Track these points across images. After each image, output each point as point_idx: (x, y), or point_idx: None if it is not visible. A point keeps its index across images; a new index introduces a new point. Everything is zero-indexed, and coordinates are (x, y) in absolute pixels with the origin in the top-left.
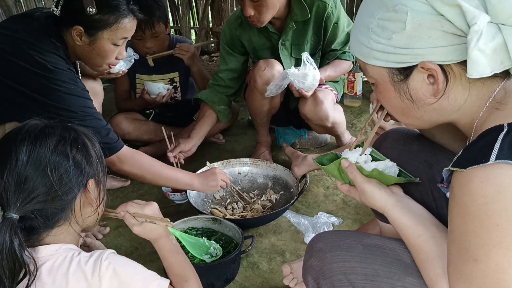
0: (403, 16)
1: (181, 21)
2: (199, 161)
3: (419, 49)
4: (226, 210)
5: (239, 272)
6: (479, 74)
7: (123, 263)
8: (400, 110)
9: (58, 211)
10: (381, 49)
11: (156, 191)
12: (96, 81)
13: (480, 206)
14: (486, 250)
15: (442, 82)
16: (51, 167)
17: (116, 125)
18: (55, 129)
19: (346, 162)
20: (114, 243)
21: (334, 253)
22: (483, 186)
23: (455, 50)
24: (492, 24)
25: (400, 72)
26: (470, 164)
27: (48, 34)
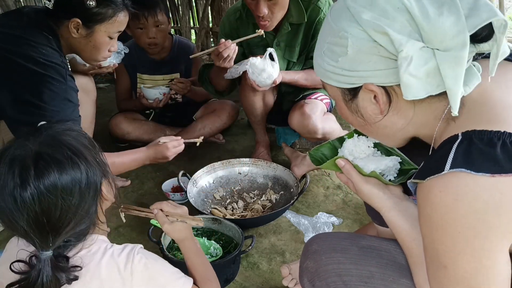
0: (345, 41)
1: (181, 21)
2: (199, 161)
3: (362, 72)
4: (226, 210)
5: (239, 272)
6: (414, 96)
7: (153, 259)
8: (357, 125)
9: (88, 227)
10: (332, 70)
11: (156, 191)
12: (88, 78)
13: (441, 215)
14: (452, 257)
15: (384, 102)
16: (64, 197)
17: (116, 125)
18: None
19: (342, 161)
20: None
21: (329, 255)
22: (441, 196)
23: (393, 73)
24: (427, 49)
25: (349, 92)
26: (428, 175)
27: (40, 28)
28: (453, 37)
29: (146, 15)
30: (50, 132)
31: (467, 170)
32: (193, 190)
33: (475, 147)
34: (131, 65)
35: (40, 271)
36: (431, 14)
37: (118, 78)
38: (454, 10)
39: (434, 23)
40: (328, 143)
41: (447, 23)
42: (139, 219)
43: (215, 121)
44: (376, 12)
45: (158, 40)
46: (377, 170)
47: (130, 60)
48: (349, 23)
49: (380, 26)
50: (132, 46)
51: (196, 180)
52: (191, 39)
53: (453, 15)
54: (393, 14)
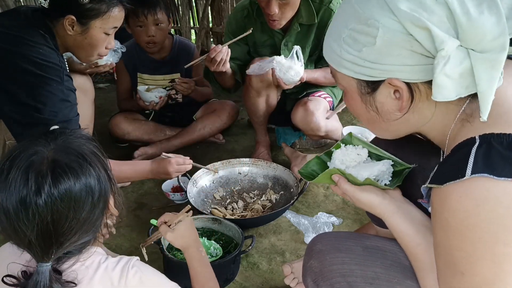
0: (374, 31)
1: (181, 21)
2: (199, 161)
3: (388, 65)
4: (226, 210)
5: (239, 272)
6: (444, 98)
7: (149, 273)
8: (366, 119)
9: (90, 240)
10: (351, 60)
11: (156, 191)
12: (86, 78)
13: (461, 221)
14: (471, 263)
15: (407, 99)
16: (76, 208)
17: (116, 125)
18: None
19: (336, 176)
20: (114, 243)
21: (334, 255)
22: (461, 201)
23: (423, 70)
24: (462, 48)
25: (368, 85)
26: (447, 180)
27: (37, 27)
28: (493, 39)
29: (146, 13)
30: (64, 138)
31: (489, 175)
32: (193, 190)
33: (495, 151)
34: (132, 65)
35: (37, 284)
36: (471, 12)
37: (118, 77)
38: (495, 10)
39: (474, 22)
40: (316, 158)
41: (488, 24)
42: (139, 219)
43: (215, 121)
44: (413, 3)
45: (157, 38)
46: (371, 177)
47: (131, 59)
48: (382, 12)
49: (420, 19)
50: (132, 45)
51: (196, 180)
52: (191, 39)
53: (494, 15)
54: (432, 7)
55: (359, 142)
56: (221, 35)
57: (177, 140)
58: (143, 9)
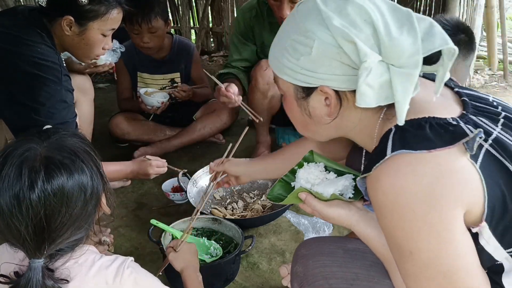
0: (311, 42)
1: (181, 21)
2: (199, 161)
3: (320, 74)
4: (226, 210)
5: (239, 272)
6: (366, 105)
7: (143, 274)
8: (300, 122)
9: (83, 237)
10: (291, 67)
11: (156, 191)
12: (85, 78)
13: (392, 199)
14: (414, 239)
15: (335, 106)
16: (69, 203)
17: (116, 125)
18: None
19: (304, 194)
20: (114, 243)
21: (316, 258)
22: (388, 179)
23: (349, 79)
24: (383, 63)
25: (303, 91)
26: (373, 165)
27: (35, 26)
28: (409, 57)
29: (140, 22)
30: (57, 137)
31: (406, 151)
32: (193, 190)
33: (408, 132)
34: (132, 64)
35: (30, 280)
36: (393, 33)
37: (118, 77)
38: (413, 32)
39: (394, 41)
40: (279, 181)
41: (406, 43)
42: (139, 219)
43: (215, 121)
44: (345, 20)
45: (152, 45)
46: (336, 192)
47: (130, 59)
48: (318, 26)
49: (349, 35)
50: (132, 45)
51: (196, 180)
52: (191, 39)
53: (411, 37)
54: (361, 26)
55: (320, 159)
56: (221, 35)
57: (177, 140)
58: (137, 17)
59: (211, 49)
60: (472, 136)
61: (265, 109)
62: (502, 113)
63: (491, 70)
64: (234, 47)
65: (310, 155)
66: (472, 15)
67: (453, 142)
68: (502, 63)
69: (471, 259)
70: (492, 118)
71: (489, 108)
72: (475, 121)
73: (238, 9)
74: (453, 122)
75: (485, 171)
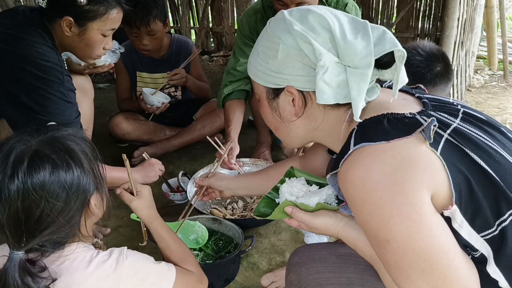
0: (276, 46)
1: (181, 21)
2: (199, 161)
3: (286, 75)
4: (226, 210)
5: (239, 272)
6: (325, 101)
7: (140, 261)
8: (273, 124)
9: (66, 237)
10: (262, 70)
11: (156, 191)
12: (85, 78)
13: (360, 189)
14: (387, 226)
15: (299, 105)
16: (49, 199)
17: (116, 125)
18: (46, 155)
19: (289, 208)
20: (114, 243)
21: (309, 265)
22: (354, 171)
23: (311, 80)
24: (340, 65)
25: (273, 92)
26: (340, 162)
27: (35, 26)
28: (362, 58)
29: (138, 25)
30: (54, 133)
31: (367, 143)
32: (193, 190)
33: (368, 128)
34: (131, 64)
35: (6, 270)
36: (348, 37)
37: (118, 77)
38: (366, 37)
39: (349, 45)
40: (264, 199)
41: (359, 46)
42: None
43: (215, 121)
44: (305, 26)
45: (150, 47)
46: (321, 201)
47: (130, 58)
48: (283, 32)
49: (307, 37)
50: (131, 45)
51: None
52: (191, 39)
53: (364, 41)
54: (319, 31)
55: (301, 173)
56: (221, 35)
57: (177, 140)
58: (135, 20)
59: (211, 49)
60: (426, 124)
61: None
62: (461, 109)
63: (491, 70)
64: (240, 51)
65: (291, 171)
66: (472, 15)
67: (410, 132)
68: (502, 63)
69: (447, 239)
70: (451, 113)
71: (449, 106)
72: (434, 115)
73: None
74: (409, 115)
75: (446, 158)
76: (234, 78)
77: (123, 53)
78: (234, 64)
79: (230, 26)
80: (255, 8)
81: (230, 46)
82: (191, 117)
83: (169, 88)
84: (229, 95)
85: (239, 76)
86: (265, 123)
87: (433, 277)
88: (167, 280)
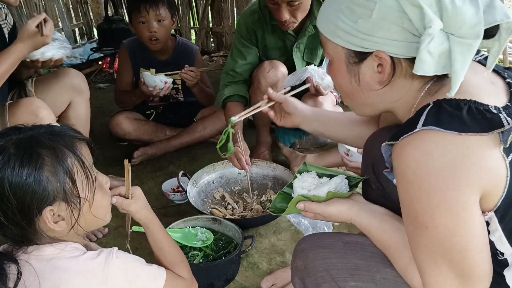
0: (371, 5)
1: (181, 21)
2: (199, 161)
3: (378, 38)
4: (226, 210)
5: (239, 272)
6: (424, 72)
7: (131, 261)
8: (346, 90)
9: (22, 236)
10: (346, 30)
11: (156, 191)
12: (80, 77)
13: (414, 171)
14: (431, 214)
15: (388, 72)
16: None
17: (117, 125)
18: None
19: (301, 204)
20: (114, 243)
21: (316, 251)
22: (413, 152)
23: (408, 46)
24: (443, 32)
25: (356, 55)
26: (402, 135)
27: None
28: (471, 27)
29: (147, 8)
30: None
31: (436, 128)
32: (193, 190)
33: (444, 110)
34: (136, 60)
35: None
36: (456, 1)
37: (120, 71)
38: (475, 3)
39: (457, 10)
40: (280, 194)
41: (468, 13)
42: None
43: (215, 123)
44: None
45: (159, 34)
46: (331, 190)
47: (134, 56)
48: None
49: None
50: (136, 44)
51: (196, 180)
52: (191, 39)
53: (473, 7)
54: None
55: (313, 167)
56: (221, 35)
57: (177, 141)
58: (145, 4)
59: (211, 49)
60: (508, 128)
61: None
62: None
63: None
64: (238, 52)
65: (304, 166)
66: None
67: (487, 130)
68: (502, 63)
69: (484, 241)
70: None
71: None
72: None
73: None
74: (494, 110)
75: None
76: (233, 79)
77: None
78: (233, 65)
79: (230, 26)
80: (252, 8)
81: (230, 46)
82: (192, 118)
83: (172, 90)
84: (230, 96)
85: (238, 78)
86: (337, 86)
87: (458, 268)
88: (156, 282)
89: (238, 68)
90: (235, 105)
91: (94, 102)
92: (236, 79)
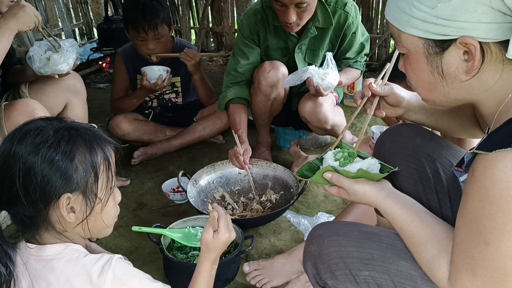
0: None
1: (181, 21)
2: (199, 161)
3: (462, 23)
4: (226, 210)
5: (239, 272)
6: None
7: (130, 272)
8: (427, 84)
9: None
10: (422, 18)
11: (156, 191)
12: (76, 78)
13: (501, 190)
14: (499, 235)
15: (478, 60)
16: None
17: (116, 125)
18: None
19: (329, 173)
20: (114, 243)
21: (332, 238)
22: (506, 171)
23: (498, 28)
24: None
25: (436, 45)
26: (496, 148)
27: None
28: None
29: (146, 29)
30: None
31: None
32: (193, 190)
33: None
34: (132, 67)
35: None
36: None
37: (116, 78)
38: None
39: None
40: (308, 163)
41: None
42: (139, 219)
43: (215, 123)
44: None
45: (157, 50)
46: (363, 168)
47: (131, 61)
48: None
49: None
50: (132, 49)
51: (196, 180)
52: (191, 39)
53: None
54: None
55: (347, 146)
56: (221, 35)
57: (177, 141)
58: (143, 25)
59: (211, 49)
60: None
61: (267, 111)
62: None
63: None
64: (240, 52)
65: (339, 145)
66: None
67: None
68: None
69: None
70: None
71: None
72: None
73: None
74: None
75: None
76: (235, 79)
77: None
78: (235, 65)
79: (230, 26)
80: (255, 8)
81: (230, 46)
82: (191, 118)
83: (170, 94)
84: (233, 99)
85: (240, 78)
86: (414, 82)
87: (494, 286)
88: None
89: (241, 68)
90: (237, 108)
91: (94, 102)
92: (238, 80)
